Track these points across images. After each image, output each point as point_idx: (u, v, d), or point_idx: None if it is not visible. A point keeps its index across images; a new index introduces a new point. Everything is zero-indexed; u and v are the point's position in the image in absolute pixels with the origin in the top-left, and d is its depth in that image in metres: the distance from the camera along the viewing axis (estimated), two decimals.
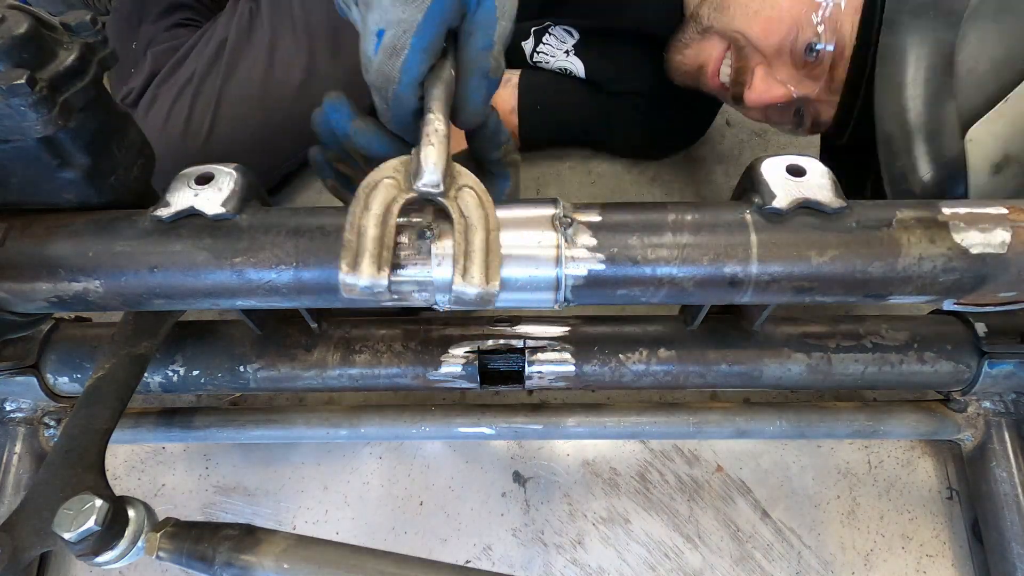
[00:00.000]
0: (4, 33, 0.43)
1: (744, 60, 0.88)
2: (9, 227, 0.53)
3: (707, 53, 0.92)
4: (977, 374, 0.72)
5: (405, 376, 0.72)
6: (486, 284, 0.46)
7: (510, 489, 0.85)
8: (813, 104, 0.87)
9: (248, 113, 1.01)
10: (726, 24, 0.88)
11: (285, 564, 0.48)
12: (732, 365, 0.70)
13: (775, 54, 0.85)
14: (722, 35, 0.89)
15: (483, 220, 0.47)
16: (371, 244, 0.45)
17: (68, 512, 0.46)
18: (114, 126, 0.53)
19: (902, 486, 0.85)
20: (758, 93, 0.87)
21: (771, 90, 0.87)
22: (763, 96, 0.87)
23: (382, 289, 0.45)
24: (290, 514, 0.84)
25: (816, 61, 0.82)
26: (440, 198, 0.47)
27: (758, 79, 0.87)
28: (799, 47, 0.82)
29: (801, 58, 0.83)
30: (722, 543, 0.81)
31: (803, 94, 0.86)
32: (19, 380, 0.72)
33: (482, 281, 0.46)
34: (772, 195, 0.51)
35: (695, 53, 0.94)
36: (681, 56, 0.95)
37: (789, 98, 0.87)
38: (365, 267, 0.44)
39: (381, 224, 0.46)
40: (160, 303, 0.54)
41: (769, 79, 0.87)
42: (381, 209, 0.46)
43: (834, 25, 0.79)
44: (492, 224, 0.48)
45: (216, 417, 0.81)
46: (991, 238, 0.50)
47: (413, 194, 0.47)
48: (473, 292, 0.46)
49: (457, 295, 0.46)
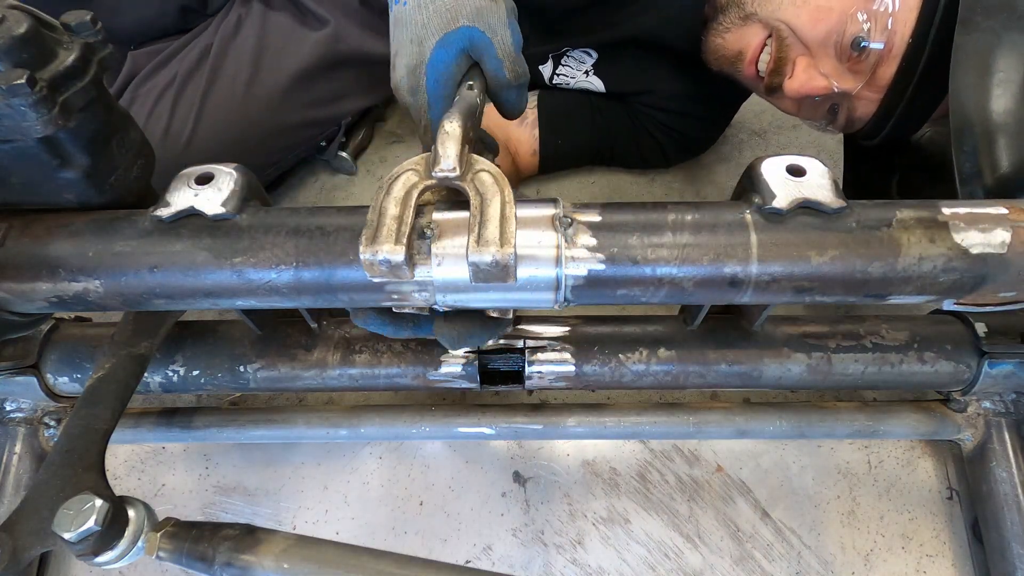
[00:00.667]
0: (4, 33, 0.43)
1: (786, 50, 0.86)
2: (9, 227, 0.53)
3: (747, 40, 0.90)
4: (977, 374, 0.72)
5: (405, 376, 0.72)
6: (500, 248, 0.46)
7: (510, 489, 0.85)
8: (851, 100, 0.86)
9: (231, 119, 1.00)
10: (771, 12, 0.86)
11: (285, 564, 0.48)
12: (732, 365, 0.70)
13: (819, 46, 0.84)
14: (765, 23, 0.88)
15: (498, 194, 0.49)
16: (390, 221, 0.47)
17: (68, 512, 0.46)
18: (114, 126, 0.53)
19: (902, 486, 0.85)
20: (800, 83, 0.85)
21: (813, 81, 0.85)
22: (804, 87, 0.85)
23: (400, 262, 0.46)
24: (290, 514, 0.84)
25: (862, 57, 0.80)
26: (456, 181, 0.50)
27: (800, 69, 0.85)
28: (846, 40, 0.81)
29: (847, 52, 0.81)
30: (722, 543, 0.81)
31: (844, 89, 0.84)
32: (19, 380, 0.72)
33: (497, 245, 0.46)
34: (772, 195, 0.51)
35: (736, 38, 0.92)
36: (721, 40, 0.94)
37: (830, 91, 0.85)
38: (384, 241, 0.46)
39: (401, 204, 0.48)
40: (160, 303, 0.54)
41: (812, 70, 0.85)
42: (401, 192, 0.49)
43: (885, 22, 0.78)
44: (507, 197, 0.49)
45: (216, 417, 0.81)
46: (991, 238, 0.50)
47: (432, 180, 0.50)
48: (489, 257, 0.46)
49: (474, 265, 0.47)
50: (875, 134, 0.86)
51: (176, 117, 0.98)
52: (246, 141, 1.01)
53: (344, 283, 0.51)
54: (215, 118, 0.99)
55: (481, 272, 0.47)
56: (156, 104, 0.99)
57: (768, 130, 1.27)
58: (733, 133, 1.25)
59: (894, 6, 0.77)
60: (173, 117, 0.98)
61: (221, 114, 0.99)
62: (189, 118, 0.97)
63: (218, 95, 1.00)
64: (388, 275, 0.48)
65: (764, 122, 1.28)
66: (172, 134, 0.97)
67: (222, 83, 1.00)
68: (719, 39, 0.94)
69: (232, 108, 1.00)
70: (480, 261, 0.46)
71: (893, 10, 0.77)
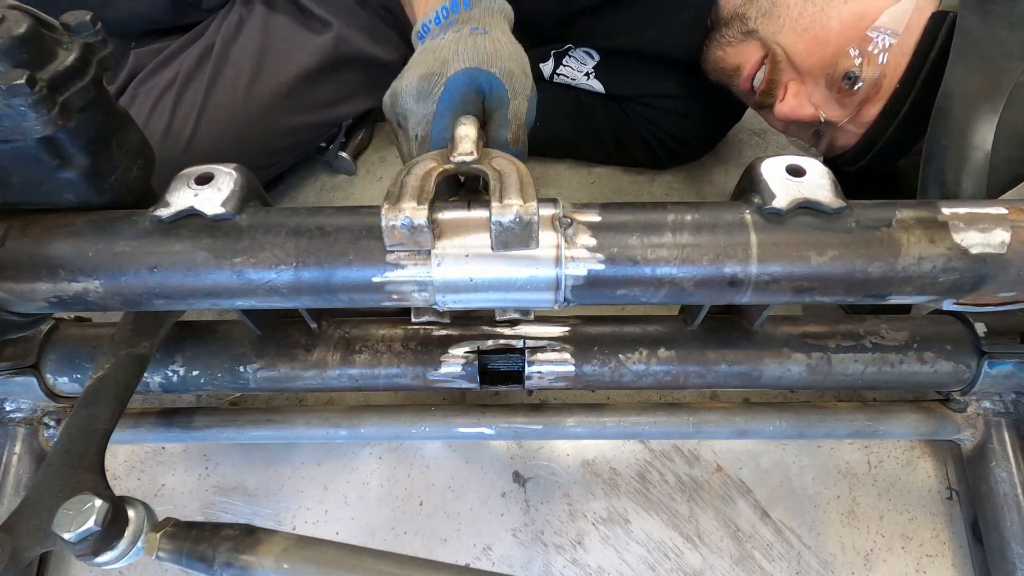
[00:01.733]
0: (4, 33, 0.43)
1: (778, 74, 0.88)
2: (9, 227, 0.53)
3: (745, 57, 0.92)
4: (977, 374, 0.72)
5: (405, 376, 0.72)
6: (524, 204, 0.47)
7: (510, 489, 0.85)
8: (835, 130, 0.88)
9: (232, 120, 1.00)
10: (771, 34, 0.88)
11: (285, 564, 0.48)
12: (732, 365, 0.70)
13: (811, 75, 0.86)
14: (764, 43, 0.89)
15: (516, 170, 0.51)
16: (411, 189, 0.49)
17: (68, 512, 0.46)
18: (114, 126, 0.53)
19: (902, 486, 0.85)
20: (788, 108, 0.88)
21: (801, 108, 0.87)
22: (792, 112, 0.88)
23: (422, 224, 0.47)
24: (290, 514, 0.84)
25: (851, 91, 0.82)
26: (475, 165, 0.52)
27: (791, 94, 0.88)
28: (838, 73, 0.82)
29: (837, 84, 0.83)
30: (722, 543, 0.81)
31: (830, 119, 0.87)
32: (19, 380, 0.72)
33: (520, 201, 0.47)
34: (772, 195, 0.51)
35: (735, 53, 0.94)
36: (722, 53, 0.95)
37: (816, 119, 0.87)
38: (405, 203, 0.47)
39: (421, 178, 0.50)
40: (160, 303, 0.54)
41: (801, 96, 0.87)
42: (422, 171, 0.51)
43: (878, 62, 0.80)
44: (524, 173, 0.50)
45: (216, 417, 0.81)
46: (991, 238, 0.50)
47: (451, 164, 0.52)
48: (512, 215, 0.47)
49: (496, 225, 0.47)
50: (855, 163, 0.88)
51: (177, 117, 0.98)
52: (246, 142, 1.01)
53: (344, 283, 0.51)
54: (216, 118, 0.99)
55: (503, 234, 0.48)
56: (157, 103, 0.99)
57: (768, 130, 1.27)
58: (733, 133, 1.25)
59: (888, 49, 0.79)
60: (174, 117, 0.98)
61: (222, 114, 1.00)
62: (190, 118, 0.97)
63: (219, 96, 1.00)
64: (407, 242, 0.48)
65: (764, 122, 1.28)
66: (173, 133, 0.97)
67: (224, 84, 1.00)
68: (720, 51, 0.95)
69: (233, 109, 1.00)
70: (503, 219, 0.47)
71: (887, 52, 0.79)
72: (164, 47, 1.06)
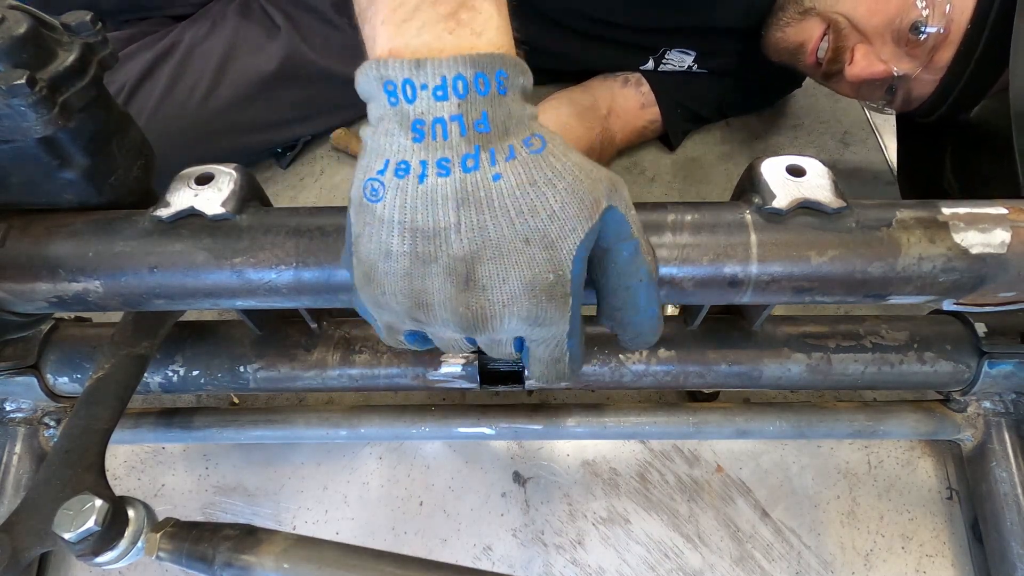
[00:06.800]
0: (4, 33, 0.43)
1: (843, 40, 0.90)
2: (9, 227, 0.53)
3: (808, 34, 0.94)
4: (977, 374, 0.72)
5: (405, 376, 0.72)
6: None
7: (510, 489, 0.85)
8: (909, 82, 0.89)
9: (181, 132, 0.99)
10: (829, 6, 0.90)
11: (285, 564, 0.48)
12: (732, 365, 0.70)
13: (877, 34, 0.87)
14: (823, 16, 0.91)
15: None
16: None
17: (68, 512, 0.46)
18: (114, 126, 0.53)
19: (902, 486, 0.85)
20: (860, 68, 0.89)
21: (872, 66, 0.88)
22: (864, 72, 0.89)
23: None
24: (290, 514, 0.84)
25: (920, 41, 0.83)
26: None
27: (860, 55, 0.89)
28: (904, 26, 0.83)
29: (905, 37, 0.84)
30: (722, 543, 0.81)
31: (903, 72, 0.87)
32: (19, 380, 0.72)
33: None
34: (772, 195, 0.51)
35: (796, 32, 0.95)
36: (782, 34, 0.97)
37: (889, 75, 0.88)
38: None
39: None
40: (160, 303, 0.54)
41: (871, 56, 0.89)
42: None
43: (944, 8, 0.80)
44: None
45: (216, 417, 0.81)
46: (991, 238, 0.50)
47: None
48: None
49: None
50: (932, 112, 0.89)
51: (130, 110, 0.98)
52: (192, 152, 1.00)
53: (344, 283, 0.51)
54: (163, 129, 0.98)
55: None
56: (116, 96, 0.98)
57: (768, 130, 1.27)
58: (733, 133, 1.25)
59: None
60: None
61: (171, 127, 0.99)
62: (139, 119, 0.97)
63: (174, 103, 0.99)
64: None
65: (764, 122, 1.29)
66: None
67: (181, 91, 1.00)
68: (780, 33, 0.97)
69: (183, 122, 1.00)
70: None
71: None
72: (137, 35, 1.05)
